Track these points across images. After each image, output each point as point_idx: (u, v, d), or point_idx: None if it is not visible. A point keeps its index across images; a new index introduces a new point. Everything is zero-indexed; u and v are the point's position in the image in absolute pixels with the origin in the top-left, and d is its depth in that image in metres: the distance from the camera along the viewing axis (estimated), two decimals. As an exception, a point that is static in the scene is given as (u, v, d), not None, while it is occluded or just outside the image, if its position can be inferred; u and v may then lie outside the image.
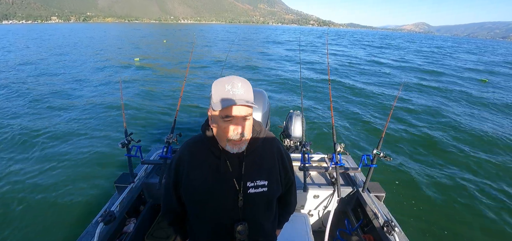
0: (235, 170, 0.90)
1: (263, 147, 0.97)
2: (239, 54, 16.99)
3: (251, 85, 0.86)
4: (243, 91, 0.80)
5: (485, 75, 13.52)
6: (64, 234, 2.76)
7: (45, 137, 4.77)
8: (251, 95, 0.83)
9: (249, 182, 0.90)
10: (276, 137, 1.05)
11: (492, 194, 3.61)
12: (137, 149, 1.96)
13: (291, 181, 1.11)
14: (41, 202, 3.19)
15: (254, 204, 0.93)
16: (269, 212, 1.02)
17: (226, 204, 0.91)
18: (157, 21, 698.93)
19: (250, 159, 0.92)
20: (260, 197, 0.93)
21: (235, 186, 0.89)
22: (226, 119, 0.80)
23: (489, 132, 5.58)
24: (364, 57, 17.34)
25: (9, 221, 2.91)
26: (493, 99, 8.43)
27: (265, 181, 0.93)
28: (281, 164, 1.01)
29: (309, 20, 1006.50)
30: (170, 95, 7.75)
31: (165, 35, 40.50)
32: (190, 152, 0.94)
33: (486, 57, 24.84)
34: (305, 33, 43.81)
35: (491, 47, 46.85)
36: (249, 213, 0.93)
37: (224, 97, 0.79)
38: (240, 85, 0.80)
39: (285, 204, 1.15)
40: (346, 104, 7.32)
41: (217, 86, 0.81)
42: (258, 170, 0.93)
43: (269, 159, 0.97)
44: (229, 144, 0.84)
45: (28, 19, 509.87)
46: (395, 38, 52.78)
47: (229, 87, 0.79)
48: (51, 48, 19.05)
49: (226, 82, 0.80)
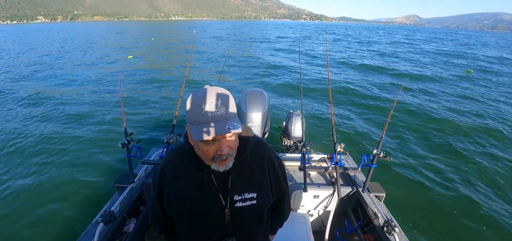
0: (221, 184, 0.84)
1: (252, 157, 0.89)
2: (237, 52, 16.98)
3: (252, 86, 0.84)
4: (224, 109, 0.69)
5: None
6: (64, 234, 2.76)
7: (44, 138, 4.77)
8: (233, 108, 0.73)
9: (236, 196, 0.85)
10: (266, 144, 0.98)
11: (492, 194, 3.61)
12: (137, 149, 1.96)
13: (284, 190, 1.04)
14: (41, 202, 3.19)
15: (243, 218, 0.88)
16: (259, 224, 0.97)
17: (212, 219, 0.86)
18: (147, 19, 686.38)
19: (237, 171, 0.85)
20: (249, 210, 0.87)
21: (221, 200, 0.84)
22: (205, 145, 0.72)
23: (489, 133, 5.58)
24: (364, 57, 17.34)
25: (8, 221, 2.90)
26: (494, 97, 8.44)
27: (254, 194, 0.87)
28: (272, 173, 0.94)
29: (301, 15, 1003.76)
30: (170, 95, 7.74)
31: (154, 33, 40.28)
32: (173, 164, 0.88)
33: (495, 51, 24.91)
34: (303, 30, 43.72)
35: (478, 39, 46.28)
36: (238, 227, 0.89)
37: (201, 122, 0.68)
38: (220, 103, 0.69)
39: (277, 212, 1.11)
40: (346, 104, 7.31)
41: (191, 105, 0.70)
42: (246, 182, 0.87)
43: (258, 169, 0.90)
44: (214, 164, 0.76)
45: (13, 19, 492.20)
46: (391, 33, 52.79)
47: (207, 107, 0.68)
48: (42, 50, 19.03)
49: (202, 101, 0.69)
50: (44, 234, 2.76)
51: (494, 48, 28.29)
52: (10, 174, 3.71)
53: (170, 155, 0.92)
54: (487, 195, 3.58)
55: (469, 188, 3.70)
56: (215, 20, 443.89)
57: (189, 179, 0.86)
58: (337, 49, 21.16)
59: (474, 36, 61.57)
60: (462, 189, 3.68)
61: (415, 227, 2.95)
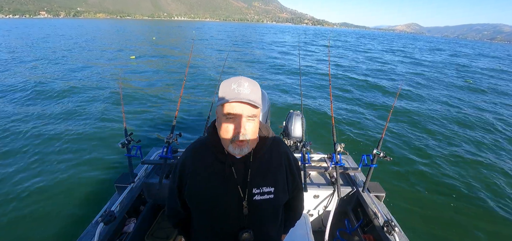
0: (240, 176, 0.87)
1: (270, 152, 0.93)
2: (238, 55, 16.98)
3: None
4: (249, 91, 0.78)
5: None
6: (64, 234, 2.76)
7: (44, 138, 4.76)
8: (258, 96, 0.80)
9: (255, 189, 0.88)
10: (284, 142, 1.02)
11: (492, 194, 3.61)
12: (137, 149, 1.96)
13: (299, 187, 1.07)
14: (41, 202, 3.19)
15: (260, 212, 0.91)
16: (275, 219, 0.99)
17: (231, 211, 0.88)
18: (150, 18, 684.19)
19: (256, 164, 0.89)
20: (266, 204, 0.90)
21: (239, 193, 0.87)
22: (228, 117, 0.79)
23: (490, 131, 5.58)
24: (364, 58, 17.36)
25: (8, 221, 2.90)
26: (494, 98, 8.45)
27: (271, 188, 0.90)
28: (289, 170, 0.97)
29: (303, 19, 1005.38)
30: (170, 95, 7.74)
31: (155, 32, 40.31)
32: (194, 157, 0.92)
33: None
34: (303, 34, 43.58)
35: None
36: (255, 221, 0.91)
37: (228, 95, 0.78)
38: (247, 85, 0.79)
39: (291, 210, 1.12)
40: (347, 104, 7.32)
41: (224, 84, 0.81)
42: (264, 176, 0.90)
43: (276, 165, 0.94)
44: (232, 145, 0.81)
45: (15, 14, 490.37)
46: (394, 40, 52.85)
47: (235, 86, 0.78)
48: (44, 45, 19.03)
49: (233, 81, 0.79)
50: (44, 234, 2.76)
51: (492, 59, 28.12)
52: (10, 174, 3.71)
53: (190, 148, 0.96)
54: (487, 195, 3.58)
55: (469, 189, 3.70)
56: (218, 22, 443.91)
57: (209, 170, 0.89)
58: (339, 52, 21.16)
59: (475, 46, 60.95)
60: (462, 189, 3.68)
61: (415, 227, 2.95)
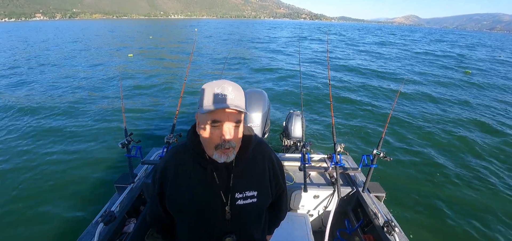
0: (223, 182, 0.86)
1: (253, 156, 0.92)
2: (239, 53, 16.98)
3: (252, 87, 0.85)
4: (234, 96, 0.76)
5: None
6: (64, 234, 2.76)
7: (44, 138, 4.77)
8: (242, 101, 0.79)
9: (238, 193, 0.86)
10: (267, 143, 1.01)
11: (492, 195, 3.61)
12: (137, 149, 1.96)
13: (282, 188, 1.06)
14: (41, 202, 3.19)
15: (243, 216, 0.90)
16: (258, 222, 0.99)
17: (213, 217, 0.87)
18: (146, 17, 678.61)
19: (238, 169, 0.87)
20: (249, 208, 0.89)
21: (222, 198, 0.85)
22: (214, 124, 0.76)
23: (490, 133, 5.58)
24: (364, 56, 17.36)
25: (9, 222, 2.90)
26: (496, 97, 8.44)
27: (254, 192, 0.89)
28: (272, 173, 0.97)
29: (300, 14, 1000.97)
30: (170, 95, 7.74)
31: (152, 32, 40.21)
32: (175, 162, 0.89)
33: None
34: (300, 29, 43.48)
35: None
36: (238, 225, 0.90)
37: (213, 101, 0.74)
38: (231, 90, 0.76)
39: (275, 211, 1.12)
40: (346, 104, 7.31)
41: (206, 90, 0.77)
42: (247, 180, 0.89)
43: (259, 168, 0.93)
44: (217, 153, 0.78)
45: (11, 17, 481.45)
46: (394, 32, 52.97)
47: (219, 91, 0.75)
48: (42, 47, 19.03)
49: (216, 86, 0.76)
50: (44, 234, 2.76)
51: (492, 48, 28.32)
52: (10, 174, 3.71)
53: (172, 153, 0.92)
54: (488, 195, 3.58)
55: (470, 189, 3.70)
56: (214, 19, 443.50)
57: (191, 176, 0.86)
58: (337, 51, 21.16)
59: (474, 36, 61.50)
60: (463, 189, 3.68)
61: (415, 227, 2.95)
